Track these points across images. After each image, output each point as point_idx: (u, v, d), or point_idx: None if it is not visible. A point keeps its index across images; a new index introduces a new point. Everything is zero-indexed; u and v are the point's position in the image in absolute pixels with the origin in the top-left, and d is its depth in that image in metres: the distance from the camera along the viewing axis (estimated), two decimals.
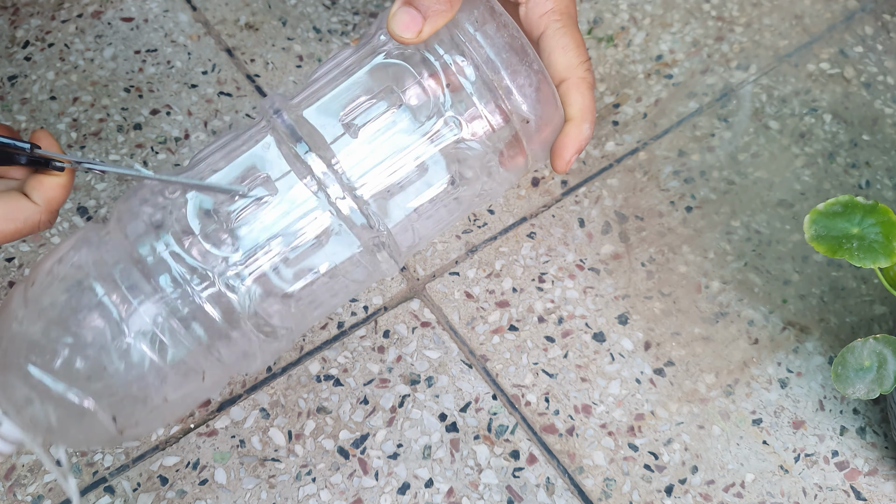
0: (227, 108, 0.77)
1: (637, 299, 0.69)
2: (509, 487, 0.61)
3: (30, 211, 0.45)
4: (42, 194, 0.45)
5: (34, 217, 0.45)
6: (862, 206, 0.56)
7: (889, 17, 0.85)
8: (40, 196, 0.45)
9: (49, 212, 0.45)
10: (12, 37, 0.80)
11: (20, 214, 0.44)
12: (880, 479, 0.62)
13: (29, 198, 0.45)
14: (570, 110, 0.46)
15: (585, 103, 0.46)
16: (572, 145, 0.47)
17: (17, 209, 0.44)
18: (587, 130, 0.47)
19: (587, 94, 0.46)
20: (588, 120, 0.46)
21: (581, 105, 0.46)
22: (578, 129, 0.46)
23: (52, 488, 0.59)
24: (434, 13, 0.43)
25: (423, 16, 0.43)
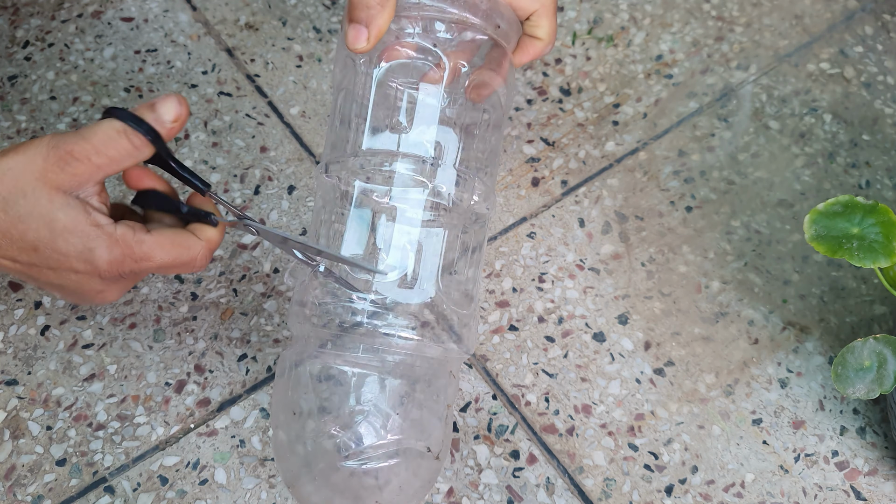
0: (227, 108, 0.77)
1: (637, 299, 0.69)
2: (509, 487, 0.61)
3: (193, 245, 0.49)
4: (205, 234, 0.50)
5: (194, 251, 0.50)
6: (862, 206, 0.56)
7: (889, 17, 0.85)
8: (203, 234, 0.50)
9: (209, 250, 0.50)
10: (12, 37, 0.80)
11: (184, 246, 0.49)
12: (880, 479, 0.62)
13: (193, 233, 0.50)
14: (539, 32, 0.57)
15: (552, 27, 0.57)
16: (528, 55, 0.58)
17: (183, 240, 0.49)
18: (549, 48, 0.59)
19: (552, 20, 0.57)
20: (551, 42, 0.58)
21: (547, 30, 0.57)
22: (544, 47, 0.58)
23: (52, 488, 0.59)
24: (372, 18, 0.49)
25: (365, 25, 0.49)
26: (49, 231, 0.46)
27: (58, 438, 0.61)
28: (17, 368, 0.64)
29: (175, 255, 0.49)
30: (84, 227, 0.46)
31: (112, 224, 0.47)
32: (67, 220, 0.46)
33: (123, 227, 0.47)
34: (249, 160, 0.74)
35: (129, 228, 0.47)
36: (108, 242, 0.47)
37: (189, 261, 0.49)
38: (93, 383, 0.63)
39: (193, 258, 0.49)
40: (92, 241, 0.46)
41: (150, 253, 0.48)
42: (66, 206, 0.46)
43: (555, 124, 0.77)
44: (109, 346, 0.65)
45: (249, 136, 0.75)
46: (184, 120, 0.47)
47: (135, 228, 0.48)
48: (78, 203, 0.46)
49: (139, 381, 0.63)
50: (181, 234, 0.49)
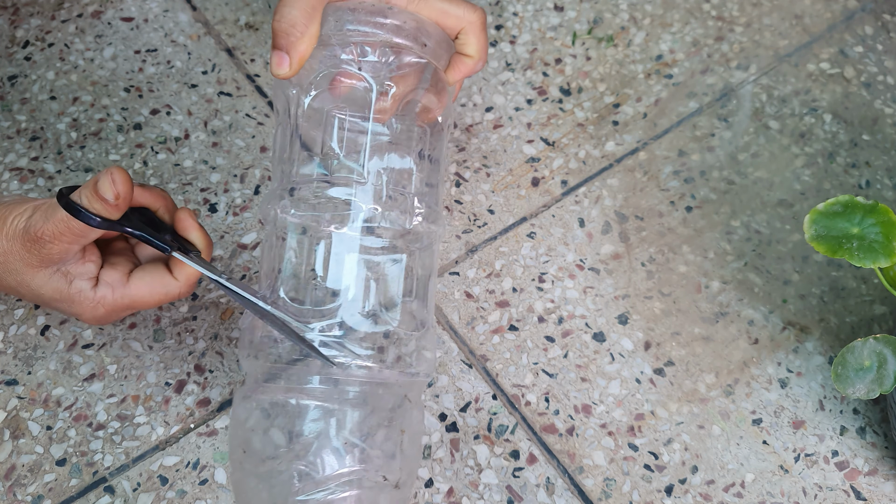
0: (227, 107, 0.77)
1: (637, 299, 0.69)
2: (509, 487, 0.61)
3: (172, 286, 0.53)
4: (183, 272, 0.53)
5: (174, 290, 0.53)
6: (862, 206, 0.56)
7: (889, 17, 0.85)
8: (182, 274, 0.53)
9: (188, 285, 0.54)
10: (12, 37, 0.80)
11: (163, 288, 0.53)
12: (880, 479, 0.62)
13: (172, 274, 0.53)
14: (468, 49, 0.57)
15: (480, 44, 0.56)
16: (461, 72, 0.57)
17: (161, 283, 0.53)
18: (480, 66, 0.57)
19: (480, 36, 0.56)
20: (483, 59, 0.57)
21: (477, 47, 0.56)
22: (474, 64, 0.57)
23: (52, 488, 0.59)
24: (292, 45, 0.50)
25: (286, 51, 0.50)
26: (40, 300, 0.52)
27: (58, 438, 0.61)
28: (17, 368, 0.64)
29: (156, 299, 0.53)
30: (67, 295, 0.51)
31: (92, 289, 0.51)
32: (52, 292, 0.51)
33: (104, 287, 0.52)
34: (249, 160, 0.74)
35: (110, 288, 0.52)
36: (91, 306, 0.52)
37: (171, 297, 0.53)
38: (93, 383, 0.63)
39: (176, 295, 0.53)
40: (76, 307, 0.52)
41: (131, 304, 0.53)
42: (49, 280, 0.51)
43: (555, 124, 0.77)
44: (109, 346, 0.65)
45: (249, 136, 0.75)
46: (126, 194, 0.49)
47: (114, 286, 0.52)
48: (60, 275, 0.51)
49: (139, 381, 0.63)
50: (160, 278, 0.53)
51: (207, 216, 0.71)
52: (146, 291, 0.52)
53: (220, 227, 0.70)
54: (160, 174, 0.73)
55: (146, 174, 0.72)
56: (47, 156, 0.73)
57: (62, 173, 0.72)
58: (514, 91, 0.79)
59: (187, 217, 0.53)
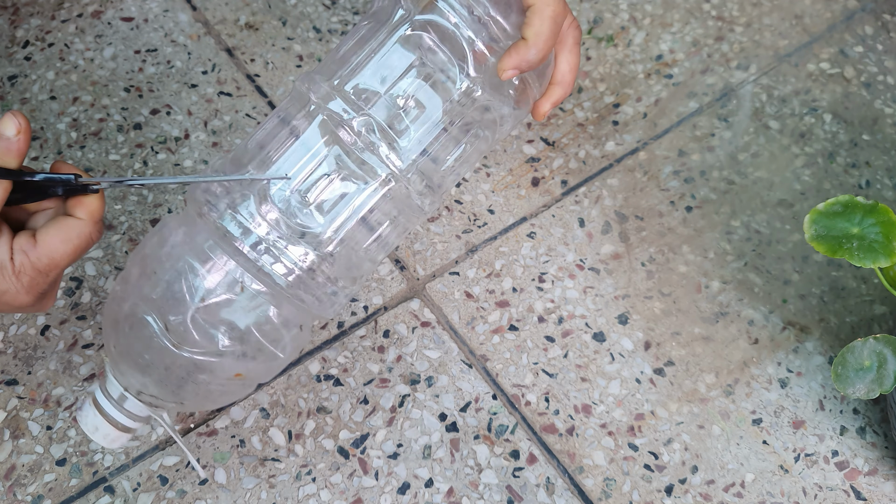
0: (227, 107, 0.77)
1: (637, 299, 0.69)
2: (509, 487, 0.61)
3: (80, 227, 0.50)
4: (84, 209, 0.51)
5: (85, 231, 0.50)
6: (862, 206, 0.56)
7: (889, 17, 0.85)
8: (83, 212, 0.51)
9: (94, 223, 0.51)
10: (12, 37, 0.80)
11: (73, 232, 0.50)
12: (880, 478, 0.62)
13: (74, 217, 0.50)
14: (525, 30, 0.52)
15: (540, 30, 0.51)
16: (512, 59, 0.52)
17: (69, 229, 0.50)
18: (533, 55, 0.52)
19: (546, 22, 0.51)
20: (537, 46, 0.51)
21: (537, 30, 0.51)
22: (525, 49, 0.51)
23: (52, 488, 0.59)
24: None
25: None
26: None
27: (58, 438, 0.61)
28: (17, 368, 0.64)
29: (72, 247, 0.50)
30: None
31: (9, 261, 0.49)
32: None
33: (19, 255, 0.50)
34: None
35: (23, 254, 0.50)
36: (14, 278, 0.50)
37: (85, 242, 0.51)
38: (93, 383, 0.63)
39: (88, 238, 0.51)
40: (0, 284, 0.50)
41: (51, 263, 0.50)
42: None
43: (555, 124, 0.77)
44: None
45: None
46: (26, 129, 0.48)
47: (27, 250, 0.50)
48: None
49: None
50: (65, 224, 0.51)
51: None
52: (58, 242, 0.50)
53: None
54: (160, 174, 0.73)
55: (146, 174, 0.72)
56: (47, 156, 0.73)
57: None
58: None
59: (63, 163, 0.52)
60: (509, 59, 0.52)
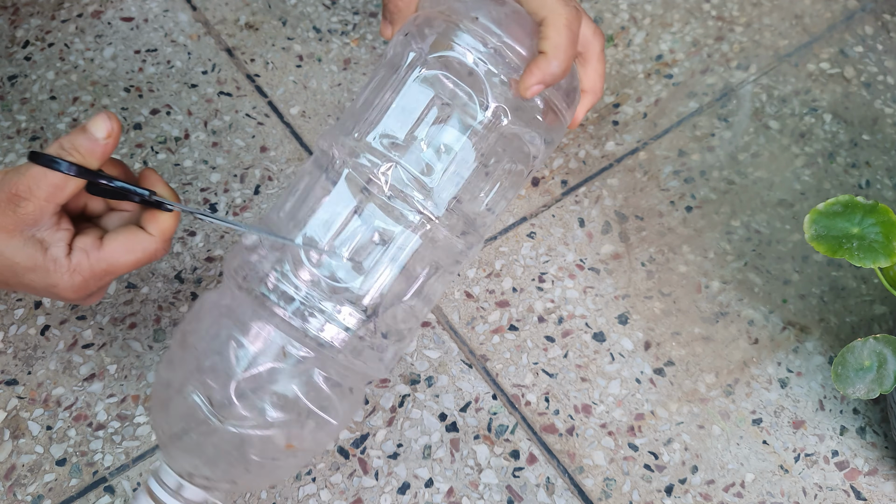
0: (227, 107, 0.77)
1: (637, 299, 0.69)
2: (509, 487, 0.61)
3: (147, 242, 0.50)
4: (157, 226, 0.51)
5: (151, 247, 0.51)
6: (862, 206, 0.56)
7: (889, 16, 0.85)
8: (155, 228, 0.51)
9: (164, 241, 0.51)
10: (12, 37, 0.80)
11: (139, 245, 0.50)
12: (880, 478, 0.62)
13: (145, 230, 0.50)
14: (543, 44, 0.50)
15: (558, 41, 0.49)
16: (534, 75, 0.50)
17: (136, 241, 0.50)
18: (555, 67, 0.50)
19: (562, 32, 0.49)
20: (558, 58, 0.49)
21: (555, 42, 0.49)
22: (546, 62, 0.50)
23: (52, 488, 0.59)
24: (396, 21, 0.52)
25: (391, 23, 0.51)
26: (12, 272, 0.49)
27: (58, 438, 0.61)
28: (17, 368, 0.64)
29: (133, 259, 0.50)
30: (42, 264, 0.49)
31: (67, 257, 0.49)
32: (26, 260, 0.49)
33: (79, 253, 0.49)
34: (249, 160, 0.74)
35: (84, 253, 0.50)
36: (67, 275, 0.49)
37: (149, 257, 0.51)
38: (93, 383, 0.63)
39: (152, 254, 0.51)
40: (52, 276, 0.49)
41: (109, 268, 0.50)
42: (24, 247, 0.48)
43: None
44: (109, 346, 0.65)
45: (249, 136, 0.75)
46: (117, 134, 0.48)
47: (89, 251, 0.50)
48: (34, 242, 0.49)
49: (139, 381, 0.63)
50: (133, 235, 0.50)
51: None
52: (122, 251, 0.50)
53: (220, 226, 0.70)
54: (160, 174, 0.73)
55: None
56: None
57: None
58: None
59: (152, 173, 0.52)
60: (531, 76, 0.50)
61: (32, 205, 0.48)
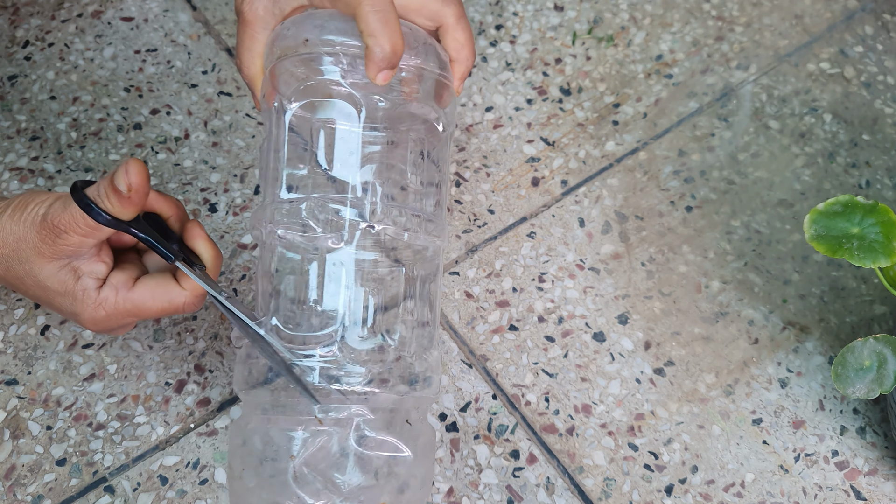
0: (227, 107, 0.77)
1: (637, 299, 0.69)
2: (509, 487, 0.61)
3: (176, 294, 0.51)
4: (189, 282, 0.51)
5: (179, 300, 0.51)
6: (862, 206, 0.56)
7: (889, 16, 0.85)
8: (188, 283, 0.51)
9: (194, 297, 0.52)
10: (12, 37, 0.80)
11: (167, 295, 0.51)
12: (880, 478, 0.62)
13: (178, 283, 0.51)
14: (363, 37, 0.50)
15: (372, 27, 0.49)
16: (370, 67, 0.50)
17: (165, 291, 0.51)
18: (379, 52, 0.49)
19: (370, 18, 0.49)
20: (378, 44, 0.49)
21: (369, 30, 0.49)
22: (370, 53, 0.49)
23: (52, 488, 0.59)
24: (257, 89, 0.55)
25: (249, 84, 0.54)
26: (44, 292, 0.51)
27: (58, 438, 0.61)
28: (17, 368, 0.64)
29: (160, 308, 0.51)
30: (71, 291, 0.50)
31: (97, 289, 0.50)
32: (57, 285, 0.50)
33: (108, 289, 0.51)
34: (249, 160, 0.74)
35: (114, 290, 0.51)
36: (92, 307, 0.51)
37: (176, 309, 0.52)
38: (93, 383, 0.63)
39: (180, 307, 0.52)
40: (77, 304, 0.51)
41: (134, 310, 0.51)
42: (57, 272, 0.50)
43: (555, 124, 0.77)
44: (109, 346, 0.65)
45: (249, 136, 0.75)
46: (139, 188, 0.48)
47: (118, 289, 0.51)
48: (69, 270, 0.50)
49: (139, 381, 0.63)
50: (165, 285, 0.51)
51: (207, 216, 0.71)
52: (149, 297, 0.51)
53: (220, 226, 0.70)
54: (160, 174, 0.73)
55: None
56: (47, 156, 0.73)
57: (62, 173, 0.72)
58: (514, 91, 0.79)
59: (196, 227, 0.52)
60: (369, 68, 0.50)
61: (71, 239, 0.49)
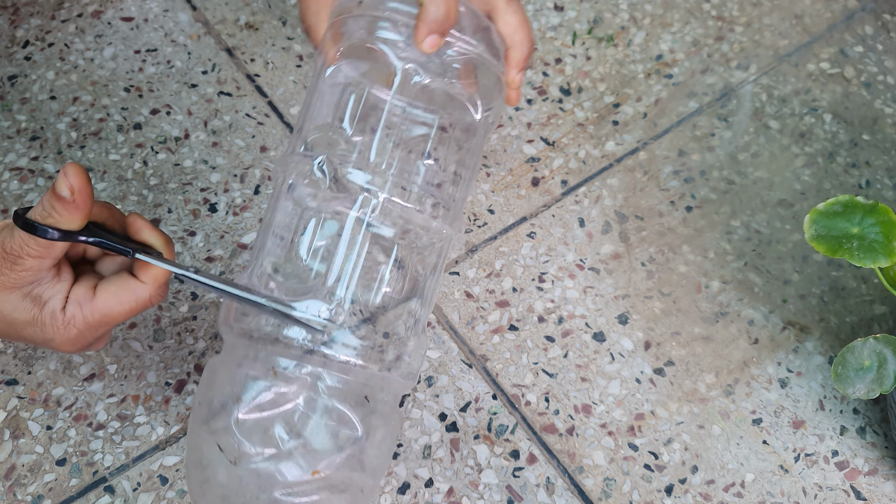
0: (227, 107, 0.77)
1: (637, 299, 0.69)
2: (509, 487, 0.61)
3: (139, 290, 0.50)
4: (148, 274, 0.50)
5: (144, 295, 0.50)
6: (862, 206, 0.56)
7: (889, 16, 0.85)
8: (147, 276, 0.50)
9: (156, 288, 0.50)
10: (12, 37, 0.80)
11: (132, 294, 0.50)
12: (880, 478, 0.62)
13: (137, 278, 0.50)
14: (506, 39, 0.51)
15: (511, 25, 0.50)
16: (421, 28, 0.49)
17: (128, 290, 0.50)
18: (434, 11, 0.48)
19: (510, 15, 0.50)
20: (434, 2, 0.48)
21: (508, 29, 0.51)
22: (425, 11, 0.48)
23: (52, 488, 0.59)
24: None
25: None
26: (11, 326, 0.50)
27: (58, 438, 0.61)
28: (17, 368, 0.64)
29: (128, 308, 0.50)
30: (39, 318, 0.49)
31: (62, 311, 0.49)
32: (24, 314, 0.49)
33: (72, 305, 0.49)
34: (249, 160, 0.74)
35: (78, 306, 0.49)
36: (62, 329, 0.49)
37: (142, 305, 0.51)
38: (93, 383, 0.63)
39: (146, 301, 0.51)
40: (48, 330, 0.49)
41: (104, 319, 0.50)
42: (21, 302, 0.49)
43: (555, 124, 0.77)
44: (109, 346, 0.65)
45: (249, 136, 0.75)
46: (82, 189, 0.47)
47: (82, 303, 0.49)
48: (31, 298, 0.49)
49: (139, 381, 0.63)
50: (126, 285, 0.50)
51: (207, 216, 0.71)
52: (114, 301, 0.49)
53: (220, 226, 0.70)
54: (160, 174, 0.73)
55: (146, 174, 0.72)
56: (47, 156, 0.73)
57: None
58: None
59: (138, 219, 0.51)
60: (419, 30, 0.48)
61: (28, 263, 0.48)
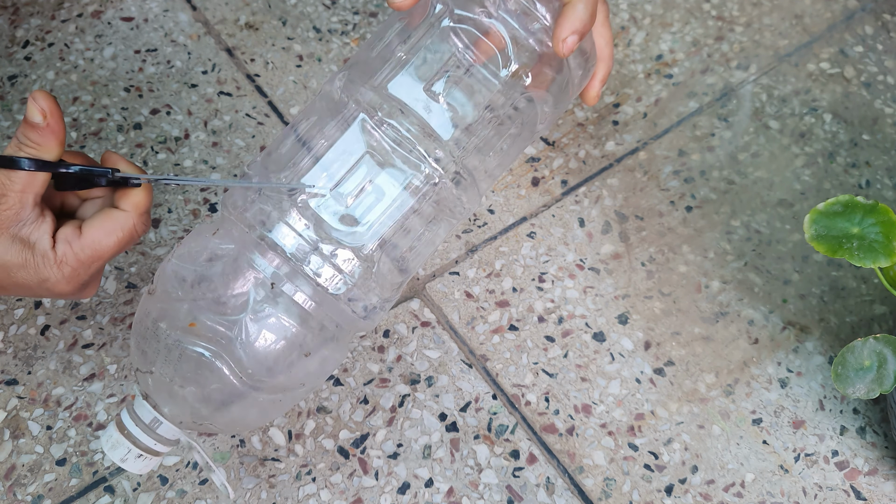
0: (227, 107, 0.77)
1: (637, 299, 0.69)
2: (509, 487, 0.61)
3: (124, 219, 0.50)
4: (129, 202, 0.51)
5: (129, 223, 0.51)
6: (862, 206, 0.56)
7: (889, 16, 0.85)
8: (128, 204, 0.51)
9: (139, 215, 0.51)
10: (12, 36, 0.80)
11: (116, 225, 0.50)
12: (880, 478, 0.62)
13: (119, 209, 0.51)
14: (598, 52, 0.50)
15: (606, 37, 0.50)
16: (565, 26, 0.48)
17: (112, 221, 0.50)
18: (582, 10, 0.48)
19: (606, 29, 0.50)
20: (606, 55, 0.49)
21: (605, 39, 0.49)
22: (572, 9, 0.48)
23: (51, 488, 0.59)
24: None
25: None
26: (5, 271, 0.50)
27: (58, 438, 0.61)
28: (17, 368, 0.64)
29: (115, 239, 0.51)
30: (31, 260, 0.49)
31: (52, 250, 0.50)
32: (15, 257, 0.49)
33: (62, 244, 0.50)
34: (249, 160, 0.74)
35: (67, 244, 0.50)
36: (56, 267, 0.50)
37: (129, 235, 0.51)
38: (93, 383, 0.63)
39: (132, 230, 0.51)
40: (42, 271, 0.50)
41: (94, 254, 0.51)
42: (11, 246, 0.49)
43: (555, 124, 0.77)
44: (109, 346, 0.65)
45: (249, 136, 0.75)
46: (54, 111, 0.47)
47: (71, 241, 0.50)
48: (20, 240, 0.49)
49: None
50: (109, 216, 0.51)
51: (207, 216, 0.71)
52: (101, 233, 0.50)
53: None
54: (160, 174, 0.73)
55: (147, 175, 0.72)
56: None
57: None
58: None
59: (112, 154, 0.52)
60: (563, 27, 0.48)
61: (10, 199, 0.48)
